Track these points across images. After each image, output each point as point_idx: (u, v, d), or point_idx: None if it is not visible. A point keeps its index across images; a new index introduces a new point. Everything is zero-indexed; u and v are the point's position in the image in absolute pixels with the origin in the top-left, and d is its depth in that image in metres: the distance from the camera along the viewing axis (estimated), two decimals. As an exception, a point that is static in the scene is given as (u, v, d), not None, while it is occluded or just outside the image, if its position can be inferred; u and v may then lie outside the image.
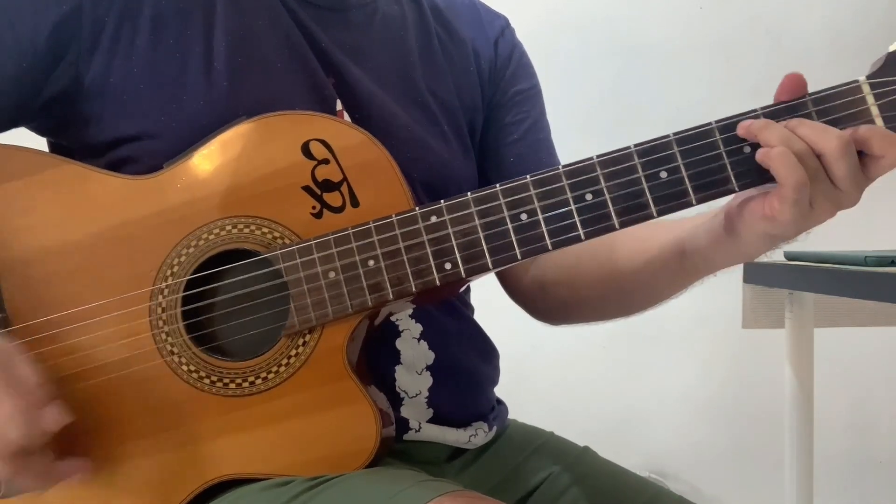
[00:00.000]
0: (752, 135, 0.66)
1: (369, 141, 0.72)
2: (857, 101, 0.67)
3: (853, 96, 0.67)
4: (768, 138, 0.64)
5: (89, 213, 0.73)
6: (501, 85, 0.94)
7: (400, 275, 0.70)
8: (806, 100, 0.67)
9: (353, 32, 0.84)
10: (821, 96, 0.67)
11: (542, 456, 0.89)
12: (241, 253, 0.72)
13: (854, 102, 0.67)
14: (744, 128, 0.66)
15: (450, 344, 0.83)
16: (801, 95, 0.67)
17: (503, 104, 0.94)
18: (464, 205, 0.70)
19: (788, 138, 0.64)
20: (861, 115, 0.66)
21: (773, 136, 0.64)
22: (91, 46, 0.74)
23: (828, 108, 0.67)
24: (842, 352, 1.81)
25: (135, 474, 0.72)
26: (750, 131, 0.66)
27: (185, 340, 0.72)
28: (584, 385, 1.92)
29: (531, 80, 0.97)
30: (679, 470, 1.92)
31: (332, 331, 0.71)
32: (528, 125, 0.95)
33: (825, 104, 0.67)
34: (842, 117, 0.66)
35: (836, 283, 1.17)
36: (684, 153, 0.67)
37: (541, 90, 0.98)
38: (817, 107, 0.67)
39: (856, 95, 0.67)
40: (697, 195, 0.67)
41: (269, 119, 0.72)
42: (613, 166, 0.68)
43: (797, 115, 0.67)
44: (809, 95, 0.67)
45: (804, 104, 0.67)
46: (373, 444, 0.71)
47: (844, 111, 0.66)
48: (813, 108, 0.67)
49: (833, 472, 1.88)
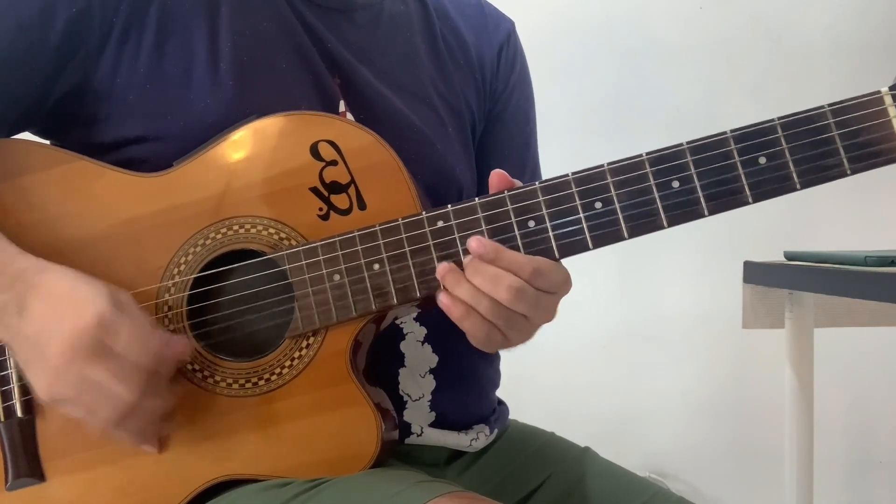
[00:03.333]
0: (445, 282, 0.68)
1: (378, 143, 0.71)
2: (878, 113, 0.65)
3: (875, 108, 0.65)
4: (458, 294, 0.68)
5: (99, 210, 0.73)
6: (502, 99, 0.93)
7: (405, 279, 0.69)
8: (825, 110, 0.65)
9: (359, 32, 0.84)
10: (840, 107, 0.65)
11: (542, 457, 0.89)
12: (247, 253, 0.72)
13: (875, 114, 0.65)
14: (441, 272, 0.68)
15: (453, 347, 0.83)
16: (501, 191, 0.69)
17: (500, 118, 0.94)
18: (471, 210, 0.69)
19: (475, 296, 0.67)
20: (883, 128, 0.64)
21: (461, 292, 0.68)
22: (99, 46, 0.74)
23: (847, 120, 0.65)
24: (842, 352, 1.81)
25: (136, 472, 0.72)
26: (444, 280, 0.68)
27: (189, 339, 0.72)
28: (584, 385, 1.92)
29: (528, 91, 0.97)
30: (679, 470, 1.92)
31: (336, 334, 0.71)
32: (520, 142, 0.96)
33: (844, 115, 0.65)
34: (862, 129, 0.65)
35: (836, 283, 1.17)
36: (697, 162, 0.66)
37: (534, 99, 0.98)
38: (836, 117, 0.65)
39: (877, 107, 0.65)
40: (710, 205, 0.66)
41: (278, 119, 0.72)
42: (624, 174, 0.67)
43: (815, 126, 0.65)
44: (829, 106, 0.65)
45: (823, 115, 0.65)
46: (374, 448, 0.71)
47: (864, 122, 0.65)
48: (832, 118, 0.65)
49: (833, 472, 1.88)
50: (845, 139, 0.65)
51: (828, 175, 0.66)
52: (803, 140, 0.65)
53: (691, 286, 1.88)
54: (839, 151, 0.65)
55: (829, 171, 0.65)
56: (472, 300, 0.67)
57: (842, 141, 0.65)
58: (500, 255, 0.67)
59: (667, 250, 1.85)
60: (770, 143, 0.66)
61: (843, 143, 0.65)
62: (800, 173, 0.65)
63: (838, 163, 0.65)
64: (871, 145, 0.65)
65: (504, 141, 0.94)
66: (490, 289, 0.67)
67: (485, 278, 0.67)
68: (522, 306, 0.68)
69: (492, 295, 0.67)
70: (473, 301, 0.67)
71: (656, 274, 1.87)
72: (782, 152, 0.65)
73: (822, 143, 0.65)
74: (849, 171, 0.65)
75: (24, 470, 0.73)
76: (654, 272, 1.87)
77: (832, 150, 0.65)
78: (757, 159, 0.66)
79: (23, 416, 0.73)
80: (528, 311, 0.68)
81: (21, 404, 0.73)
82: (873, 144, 0.65)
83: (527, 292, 0.67)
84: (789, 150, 0.65)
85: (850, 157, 0.65)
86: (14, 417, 0.73)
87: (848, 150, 0.65)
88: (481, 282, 0.67)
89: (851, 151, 0.65)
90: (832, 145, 0.65)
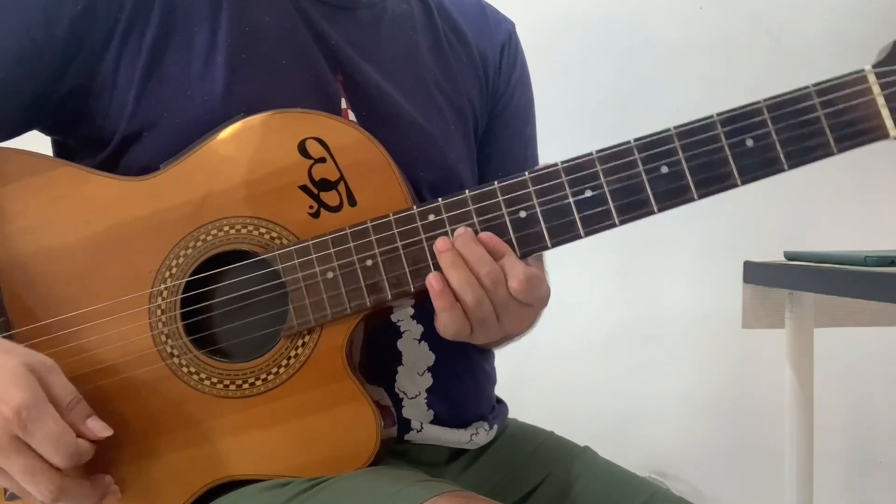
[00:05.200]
0: (442, 259, 0.68)
1: (366, 139, 0.71)
2: (862, 92, 0.65)
3: (859, 86, 0.65)
4: (451, 277, 0.67)
5: (86, 216, 0.73)
6: (503, 98, 0.93)
7: (398, 274, 0.69)
8: (810, 90, 0.66)
9: (362, 30, 0.83)
10: (825, 87, 0.66)
11: (541, 456, 0.89)
12: (239, 254, 0.72)
13: (859, 93, 0.65)
14: (441, 245, 0.68)
15: (450, 345, 0.82)
16: (491, 182, 0.69)
17: (501, 116, 0.94)
18: (462, 203, 0.69)
19: (465, 284, 0.67)
20: (868, 106, 0.65)
21: (454, 276, 0.67)
22: (104, 42, 0.74)
23: (832, 100, 0.66)
24: (842, 352, 1.81)
25: (136, 477, 0.72)
26: (442, 257, 0.68)
27: (184, 342, 0.71)
28: (584, 385, 1.91)
29: (528, 92, 0.97)
30: (679, 470, 1.92)
31: (332, 331, 0.71)
32: (521, 142, 0.96)
33: (829, 95, 0.66)
34: (847, 108, 0.65)
35: (836, 283, 1.16)
36: (685, 147, 0.67)
37: (534, 101, 0.98)
38: (821, 97, 0.66)
39: (861, 85, 0.65)
40: (699, 190, 0.67)
41: (265, 117, 0.71)
42: (613, 161, 0.67)
43: (800, 106, 0.65)
44: (814, 86, 0.66)
45: (808, 95, 0.66)
46: (373, 444, 0.71)
47: (849, 101, 0.65)
48: (817, 98, 0.66)
49: (833, 472, 1.88)
50: (831, 118, 0.66)
51: (815, 155, 0.66)
52: (789, 121, 0.66)
53: (691, 286, 1.87)
54: (825, 131, 0.66)
55: (815, 151, 0.66)
56: (460, 288, 0.67)
57: (827, 120, 0.66)
58: (505, 255, 0.68)
59: (667, 250, 1.84)
60: (756, 125, 0.66)
61: (829, 122, 0.66)
62: (787, 154, 0.66)
63: (825, 142, 0.66)
64: (856, 123, 0.65)
65: (505, 140, 0.94)
66: (489, 285, 0.67)
67: (484, 272, 0.67)
68: (507, 310, 0.69)
69: (486, 289, 0.67)
70: (461, 289, 0.67)
71: (656, 274, 1.87)
72: (769, 133, 0.66)
73: (808, 123, 0.66)
74: (835, 150, 0.66)
75: None
76: (654, 272, 1.87)
77: (818, 129, 0.66)
78: (744, 141, 0.66)
79: None
80: (506, 318, 0.69)
81: None
82: (859, 123, 0.65)
83: (515, 299, 0.68)
84: (776, 132, 0.66)
85: (837, 137, 0.66)
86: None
87: (834, 130, 0.66)
88: (484, 273, 0.67)
89: (837, 130, 0.66)
90: (818, 125, 0.66)
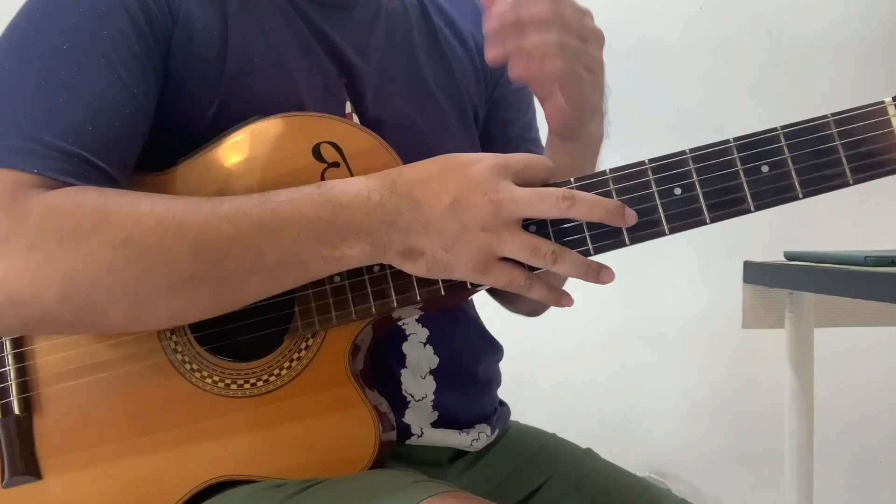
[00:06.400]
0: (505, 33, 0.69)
1: (380, 146, 0.71)
2: (882, 123, 0.64)
3: (878, 118, 0.64)
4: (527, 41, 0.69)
5: None
6: (501, 80, 0.93)
7: (405, 282, 0.69)
8: (828, 119, 0.65)
9: (359, 30, 0.83)
10: (843, 117, 0.65)
11: (543, 457, 0.89)
12: None
13: (879, 125, 0.64)
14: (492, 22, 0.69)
15: (455, 349, 0.83)
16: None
17: (500, 101, 0.94)
18: None
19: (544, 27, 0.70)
20: (886, 138, 0.64)
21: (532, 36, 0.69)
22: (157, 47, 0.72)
23: (850, 130, 0.64)
24: (842, 352, 1.82)
25: (134, 471, 0.72)
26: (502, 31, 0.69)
27: (189, 339, 0.72)
28: (584, 385, 1.92)
29: None
30: (679, 470, 1.92)
31: (336, 336, 0.71)
32: (522, 125, 0.95)
33: (848, 125, 0.65)
34: (865, 139, 0.64)
35: (836, 283, 1.16)
36: (700, 170, 0.66)
37: None
38: (839, 127, 0.65)
39: (881, 117, 0.64)
40: (712, 214, 0.66)
41: (280, 120, 0.71)
42: (626, 182, 0.67)
43: (818, 135, 0.65)
44: (832, 115, 0.65)
45: (826, 125, 0.65)
46: (371, 449, 0.71)
47: (867, 133, 0.64)
48: (835, 128, 0.65)
49: (833, 472, 1.89)
50: (848, 149, 0.65)
51: (830, 185, 0.65)
52: (806, 149, 0.65)
53: (691, 286, 1.88)
54: (842, 161, 0.65)
55: (831, 181, 0.65)
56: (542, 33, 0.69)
57: (845, 151, 0.65)
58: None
59: (667, 250, 1.84)
60: (773, 151, 0.65)
61: (846, 152, 0.65)
62: (802, 182, 0.65)
63: (841, 172, 0.65)
64: (874, 155, 0.64)
65: (507, 123, 0.94)
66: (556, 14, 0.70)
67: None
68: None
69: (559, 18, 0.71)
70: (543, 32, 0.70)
71: (656, 274, 1.87)
72: (785, 161, 0.65)
73: (825, 152, 0.65)
74: (851, 180, 0.65)
75: (20, 468, 0.73)
76: (654, 272, 1.87)
77: (835, 159, 0.65)
78: (760, 168, 0.65)
79: (20, 414, 0.73)
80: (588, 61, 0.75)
81: (19, 402, 0.73)
82: (876, 155, 0.64)
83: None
84: (792, 159, 0.65)
85: (853, 167, 0.65)
86: (11, 415, 0.73)
87: (851, 160, 0.65)
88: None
89: (854, 161, 0.65)
90: (835, 155, 0.65)
